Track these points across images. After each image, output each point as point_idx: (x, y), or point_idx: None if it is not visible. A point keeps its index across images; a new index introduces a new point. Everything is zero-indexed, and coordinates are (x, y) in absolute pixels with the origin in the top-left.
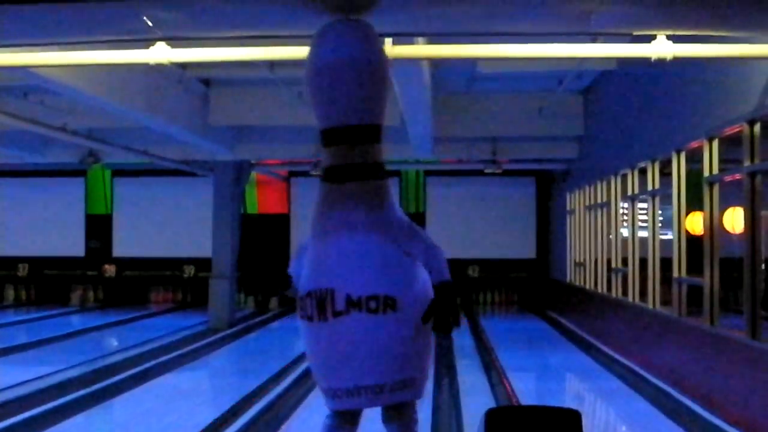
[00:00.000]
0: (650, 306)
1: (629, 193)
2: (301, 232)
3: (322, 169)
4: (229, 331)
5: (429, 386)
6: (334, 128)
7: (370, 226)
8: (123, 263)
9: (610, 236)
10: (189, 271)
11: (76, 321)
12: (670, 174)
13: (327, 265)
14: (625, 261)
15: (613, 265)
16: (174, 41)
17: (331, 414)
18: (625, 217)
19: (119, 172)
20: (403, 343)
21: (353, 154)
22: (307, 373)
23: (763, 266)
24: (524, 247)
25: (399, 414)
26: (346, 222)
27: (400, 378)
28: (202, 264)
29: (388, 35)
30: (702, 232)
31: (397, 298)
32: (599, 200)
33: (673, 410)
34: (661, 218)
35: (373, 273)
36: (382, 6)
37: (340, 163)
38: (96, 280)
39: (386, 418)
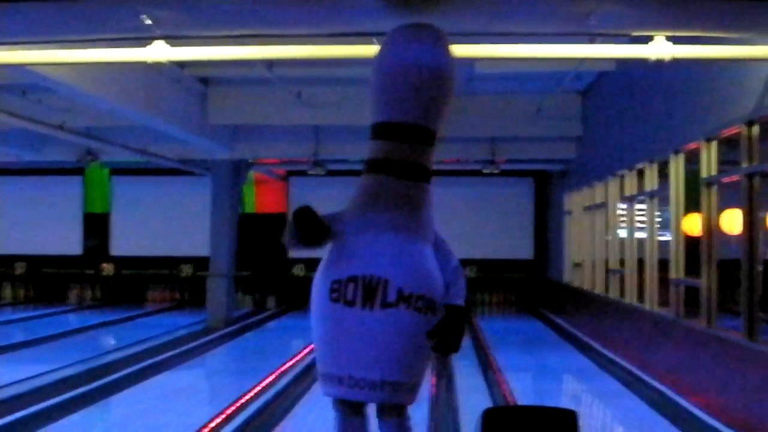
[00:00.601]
0: (648, 307)
1: (627, 194)
2: None
3: (373, 159)
4: (226, 330)
5: (426, 386)
6: (396, 123)
7: (417, 227)
8: (121, 262)
9: (608, 237)
10: (187, 270)
11: (74, 319)
12: (668, 175)
13: (377, 254)
14: (622, 262)
15: (611, 266)
16: (172, 40)
17: (342, 411)
18: (623, 218)
19: (117, 170)
20: (429, 346)
21: (413, 153)
22: (304, 372)
23: (760, 268)
24: (522, 248)
25: (398, 414)
26: (397, 218)
27: (413, 381)
28: (200, 263)
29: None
30: (700, 234)
31: (437, 303)
32: (597, 201)
33: (669, 411)
34: (659, 219)
35: (423, 273)
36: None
37: (399, 158)
38: (93, 279)
39: (385, 418)
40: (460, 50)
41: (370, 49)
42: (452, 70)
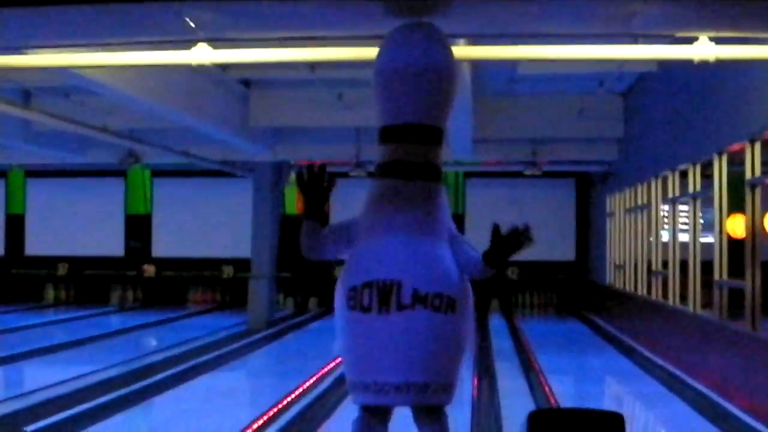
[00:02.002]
0: (691, 309)
1: (670, 195)
2: None
3: (381, 164)
4: (267, 332)
5: (468, 388)
6: (404, 125)
7: (432, 227)
8: (162, 263)
9: (651, 239)
10: (228, 271)
11: (116, 321)
12: (711, 176)
13: (389, 258)
14: (665, 264)
15: (653, 267)
16: (215, 42)
17: (364, 413)
18: (666, 220)
19: (159, 172)
20: (456, 345)
21: (420, 152)
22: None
23: None
24: (564, 250)
25: (433, 416)
26: (408, 219)
27: (443, 381)
28: (241, 264)
29: None
30: (743, 235)
31: (457, 300)
32: (639, 203)
33: (714, 414)
34: (701, 221)
35: (438, 272)
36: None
37: (406, 160)
38: (135, 280)
39: (420, 420)
40: (503, 52)
41: None
42: (450, 67)
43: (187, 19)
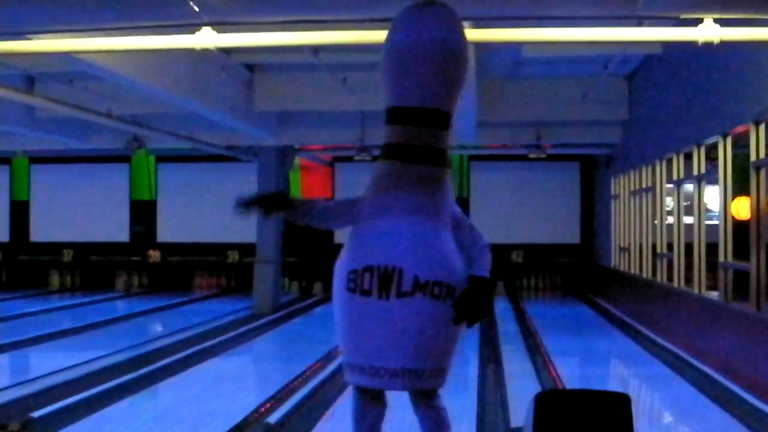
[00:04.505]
0: (696, 291)
1: (675, 177)
2: None
3: (387, 144)
4: (273, 316)
5: (474, 371)
6: (411, 108)
7: (435, 212)
8: (167, 249)
9: (655, 221)
10: (233, 256)
11: (121, 306)
12: (716, 159)
13: (392, 242)
14: (670, 246)
15: (659, 250)
16: (219, 26)
17: (359, 393)
18: (671, 202)
19: (163, 157)
20: (452, 331)
21: (427, 136)
22: None
23: None
24: (568, 232)
25: (429, 400)
26: (411, 204)
27: (437, 366)
28: (247, 249)
29: None
30: (748, 217)
31: (456, 288)
32: (644, 185)
33: (719, 395)
34: (706, 203)
35: (439, 259)
36: None
37: (412, 143)
38: (140, 266)
39: (418, 403)
40: (507, 34)
41: None
42: (463, 48)
43: (191, 3)
